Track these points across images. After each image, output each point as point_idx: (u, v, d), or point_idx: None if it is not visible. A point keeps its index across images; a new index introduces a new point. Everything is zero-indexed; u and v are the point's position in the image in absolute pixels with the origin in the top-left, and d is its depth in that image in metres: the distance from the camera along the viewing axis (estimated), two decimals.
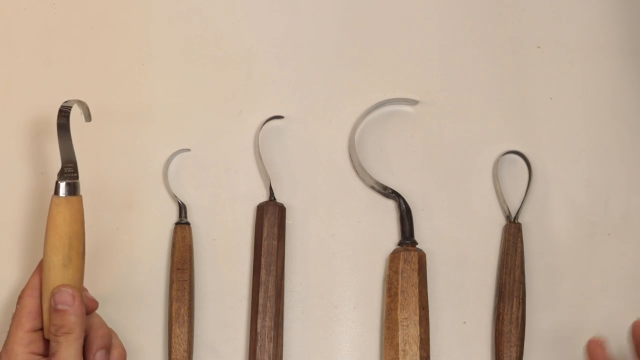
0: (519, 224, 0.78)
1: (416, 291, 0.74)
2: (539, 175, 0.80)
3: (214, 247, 0.78)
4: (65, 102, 0.68)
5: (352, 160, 0.80)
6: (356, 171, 0.80)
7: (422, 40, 0.83)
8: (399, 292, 0.74)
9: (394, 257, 0.76)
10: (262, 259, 0.75)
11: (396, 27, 0.83)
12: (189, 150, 0.80)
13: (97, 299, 0.76)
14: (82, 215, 0.66)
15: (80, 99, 0.80)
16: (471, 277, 0.78)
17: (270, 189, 0.78)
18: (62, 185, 0.66)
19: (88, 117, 0.70)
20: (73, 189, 0.66)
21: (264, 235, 0.76)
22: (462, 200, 0.79)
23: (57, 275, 0.65)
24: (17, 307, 0.67)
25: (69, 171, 0.67)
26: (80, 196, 0.66)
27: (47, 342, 0.66)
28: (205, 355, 0.76)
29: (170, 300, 0.75)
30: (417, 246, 0.77)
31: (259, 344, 0.74)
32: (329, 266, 0.78)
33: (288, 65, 0.82)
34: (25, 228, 0.78)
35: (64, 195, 0.66)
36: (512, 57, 0.83)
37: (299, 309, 0.77)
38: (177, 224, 0.77)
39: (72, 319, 0.64)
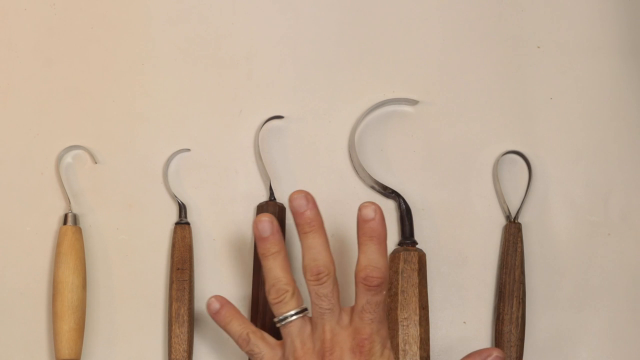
0: (519, 224, 0.78)
1: (416, 291, 0.74)
2: (539, 175, 0.80)
3: (214, 247, 0.78)
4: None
5: (352, 160, 0.80)
6: (356, 171, 0.80)
7: (422, 40, 0.83)
8: (399, 292, 0.74)
9: (394, 257, 0.76)
10: None
11: (396, 27, 0.83)
12: (189, 150, 0.80)
13: (97, 299, 0.76)
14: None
15: (81, 99, 0.81)
16: (471, 277, 0.78)
17: (270, 189, 0.78)
18: (76, 216, 0.76)
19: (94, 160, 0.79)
20: (78, 219, 0.77)
21: None
22: (462, 200, 0.79)
23: (79, 296, 0.74)
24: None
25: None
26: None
27: None
28: (205, 355, 0.76)
29: (170, 300, 0.75)
30: (417, 246, 0.77)
31: None
32: None
33: (288, 65, 0.82)
34: (24, 228, 0.78)
35: (77, 225, 0.76)
36: (512, 57, 0.83)
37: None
38: (177, 224, 0.77)
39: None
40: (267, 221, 0.67)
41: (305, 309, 0.67)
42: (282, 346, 0.67)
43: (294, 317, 0.66)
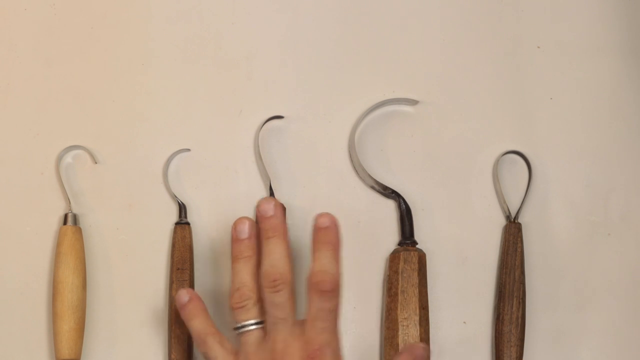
0: (519, 224, 0.78)
1: (416, 291, 0.74)
2: (539, 175, 0.80)
3: (214, 247, 0.78)
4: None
5: (352, 160, 0.80)
6: (356, 171, 0.80)
7: (422, 40, 0.83)
8: (399, 292, 0.74)
9: (394, 257, 0.76)
10: None
11: (396, 27, 0.83)
12: (189, 150, 0.80)
13: (96, 299, 0.76)
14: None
15: (81, 99, 0.81)
16: (471, 277, 0.78)
17: (270, 189, 0.78)
18: (76, 216, 0.76)
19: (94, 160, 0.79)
20: (78, 219, 0.76)
21: None
22: (462, 200, 0.79)
23: (79, 296, 0.73)
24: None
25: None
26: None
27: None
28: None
29: (170, 300, 0.75)
30: (417, 246, 0.77)
31: None
32: None
33: (288, 65, 0.82)
34: (24, 228, 0.78)
35: (77, 225, 0.76)
36: (512, 57, 0.83)
37: (298, 308, 0.77)
38: (177, 224, 0.77)
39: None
40: (247, 224, 0.67)
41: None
42: (237, 354, 0.66)
43: (253, 327, 0.66)
